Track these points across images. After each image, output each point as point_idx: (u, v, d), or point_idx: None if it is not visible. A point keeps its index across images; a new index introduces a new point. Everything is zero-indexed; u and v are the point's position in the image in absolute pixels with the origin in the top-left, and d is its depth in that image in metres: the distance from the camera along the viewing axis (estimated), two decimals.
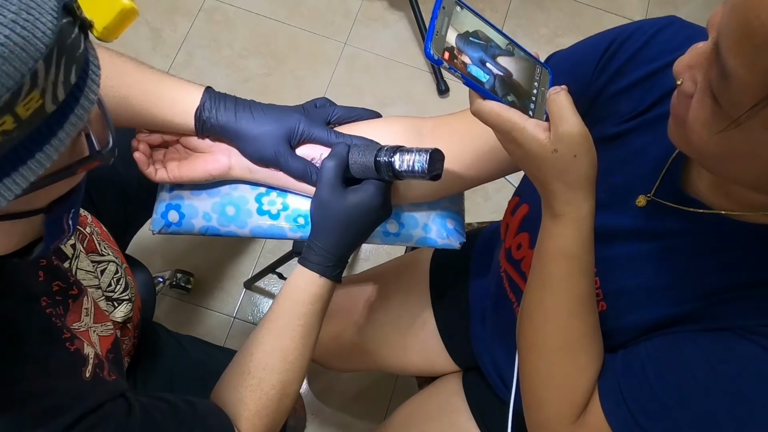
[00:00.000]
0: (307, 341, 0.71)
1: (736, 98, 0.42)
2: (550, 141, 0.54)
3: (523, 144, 0.55)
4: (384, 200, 0.70)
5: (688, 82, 0.47)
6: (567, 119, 0.54)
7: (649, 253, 0.61)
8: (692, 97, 0.47)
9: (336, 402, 1.54)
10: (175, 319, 1.53)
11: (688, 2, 2.04)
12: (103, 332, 0.63)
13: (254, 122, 0.71)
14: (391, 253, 1.64)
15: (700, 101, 0.46)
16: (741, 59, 0.40)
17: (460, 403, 0.93)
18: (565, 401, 0.63)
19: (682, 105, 0.49)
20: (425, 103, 1.80)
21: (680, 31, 0.62)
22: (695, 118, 0.46)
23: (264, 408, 0.67)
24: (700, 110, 0.46)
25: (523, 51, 0.57)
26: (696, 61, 0.46)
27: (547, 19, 1.96)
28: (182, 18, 1.80)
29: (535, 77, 0.57)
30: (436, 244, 0.82)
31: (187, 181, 0.76)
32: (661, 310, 0.59)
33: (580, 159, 0.55)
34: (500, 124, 0.55)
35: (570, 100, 0.55)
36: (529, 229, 0.74)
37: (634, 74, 0.62)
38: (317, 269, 0.70)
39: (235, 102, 0.72)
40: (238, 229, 0.79)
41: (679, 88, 0.49)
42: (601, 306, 0.64)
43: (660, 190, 0.60)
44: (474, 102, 0.56)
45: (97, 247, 0.76)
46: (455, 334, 0.97)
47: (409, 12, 1.84)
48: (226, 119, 0.71)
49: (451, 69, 0.52)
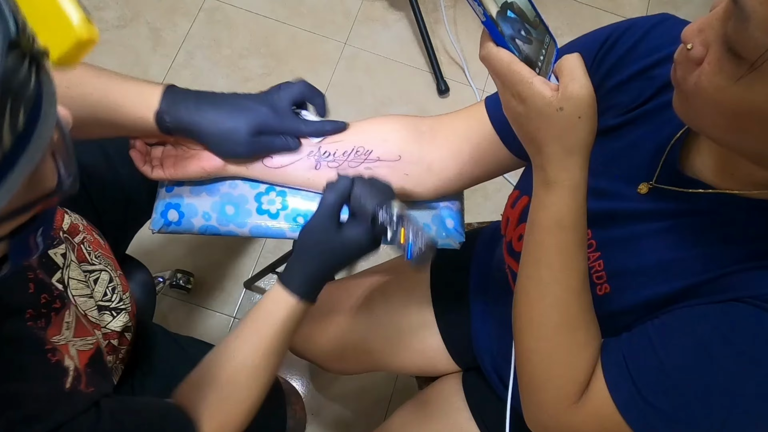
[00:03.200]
0: (276, 360, 0.72)
1: (756, 39, 0.42)
2: (557, 99, 0.53)
3: (527, 99, 0.53)
4: (373, 241, 0.70)
5: (698, 46, 0.47)
6: (579, 79, 0.53)
7: (654, 232, 0.60)
8: (700, 62, 0.47)
9: (336, 402, 1.54)
10: (175, 320, 1.53)
11: (689, 2, 2.04)
12: (83, 347, 0.62)
13: (217, 120, 0.69)
14: (391, 253, 1.63)
15: (715, 59, 0.46)
16: None
17: (460, 403, 0.93)
18: (567, 380, 0.60)
19: (687, 71, 0.49)
20: (425, 103, 1.80)
21: (674, 27, 0.63)
22: (710, 77, 0.46)
23: (228, 423, 0.69)
24: (715, 67, 0.46)
25: (539, 17, 0.56)
26: (707, 24, 0.47)
27: (547, 18, 1.96)
28: (182, 18, 1.80)
29: (544, 45, 0.56)
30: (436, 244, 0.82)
31: (183, 178, 0.76)
32: (666, 285, 0.58)
33: (583, 122, 0.53)
34: (508, 74, 0.53)
35: (582, 62, 0.54)
36: None
37: (631, 68, 0.63)
38: (298, 291, 0.70)
39: (196, 100, 0.70)
40: (237, 228, 0.79)
41: (686, 54, 0.48)
42: (605, 288, 0.63)
43: (661, 176, 0.60)
44: (485, 45, 0.54)
45: (87, 256, 0.75)
46: (456, 334, 0.97)
47: (409, 12, 1.84)
48: (188, 120, 0.69)
49: (476, 2, 0.50)
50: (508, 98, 0.56)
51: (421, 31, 1.81)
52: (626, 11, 2.00)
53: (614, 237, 0.63)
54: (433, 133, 0.77)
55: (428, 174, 0.77)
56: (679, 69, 0.50)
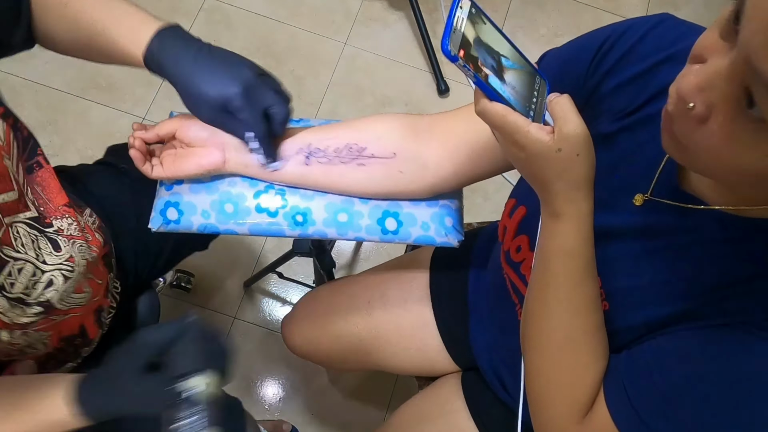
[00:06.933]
0: None
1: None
2: (554, 141, 0.55)
3: (527, 146, 0.56)
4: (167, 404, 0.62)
5: (701, 106, 0.45)
6: (571, 119, 0.55)
7: (650, 252, 0.60)
8: (705, 120, 0.45)
9: (336, 402, 1.54)
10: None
11: (689, 2, 2.04)
12: None
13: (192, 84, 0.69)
14: (391, 253, 1.64)
15: (727, 122, 0.43)
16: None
17: (459, 403, 0.93)
18: (570, 400, 0.62)
19: (689, 128, 0.47)
20: (425, 103, 1.80)
21: (673, 28, 0.62)
22: (721, 140, 0.44)
23: None
24: (727, 132, 0.43)
25: (525, 59, 0.59)
26: (709, 83, 0.44)
27: (547, 19, 1.96)
28: (182, 18, 1.80)
29: (534, 86, 0.59)
30: (435, 242, 0.82)
31: (183, 176, 0.76)
32: (663, 308, 0.59)
33: (582, 158, 0.56)
34: (504, 125, 0.55)
35: (572, 103, 0.56)
36: (527, 231, 0.74)
37: (627, 71, 0.62)
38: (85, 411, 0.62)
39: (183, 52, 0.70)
40: (236, 226, 0.79)
41: (686, 112, 0.46)
42: (604, 305, 0.64)
43: (657, 188, 0.60)
44: (479, 102, 0.56)
45: (12, 242, 0.69)
46: (455, 334, 0.97)
47: (409, 12, 1.84)
48: (167, 72, 0.70)
49: (465, 67, 0.52)
50: (508, 147, 0.58)
51: (421, 31, 1.81)
52: (626, 11, 2.00)
53: (610, 254, 0.63)
54: (431, 131, 0.77)
55: (424, 172, 0.77)
56: (677, 124, 0.48)
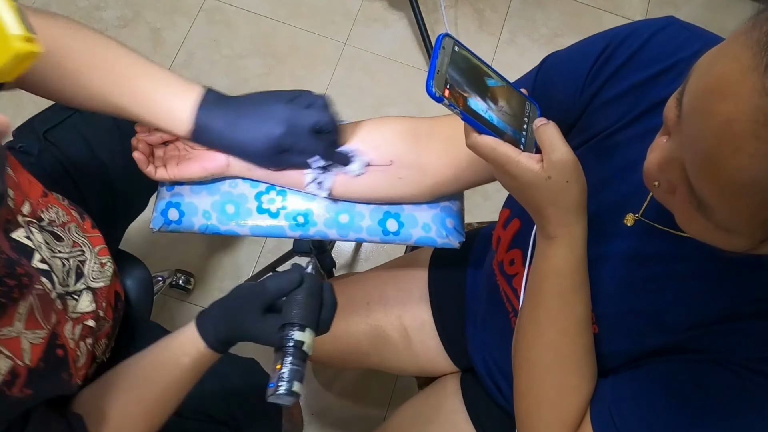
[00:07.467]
0: (173, 406, 0.69)
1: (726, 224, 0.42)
2: (543, 169, 0.57)
3: (518, 176, 0.57)
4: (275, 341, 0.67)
5: (665, 184, 0.48)
6: (558, 148, 0.56)
7: (639, 279, 0.61)
8: (674, 191, 0.47)
9: (336, 402, 1.54)
10: (175, 319, 1.53)
11: (689, 2, 2.04)
12: (34, 340, 0.59)
13: (249, 142, 0.71)
14: (391, 253, 1.64)
15: (686, 203, 0.45)
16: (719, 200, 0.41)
17: (458, 404, 0.93)
18: (557, 421, 0.63)
19: (664, 199, 0.50)
20: (425, 103, 1.79)
21: (677, 33, 0.61)
22: (687, 219, 0.47)
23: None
24: (689, 213, 0.45)
25: (515, 88, 0.61)
26: (666, 163, 0.46)
27: (547, 19, 1.96)
28: (182, 18, 1.80)
29: (525, 112, 0.60)
30: (436, 244, 0.82)
31: (186, 178, 0.76)
32: (650, 338, 0.60)
33: (571, 185, 0.57)
34: (495, 157, 0.57)
35: (558, 130, 0.57)
36: (521, 245, 0.75)
37: (627, 81, 0.61)
38: (213, 344, 0.68)
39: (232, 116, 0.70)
40: (237, 227, 0.79)
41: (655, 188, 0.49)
42: (594, 328, 0.64)
43: (648, 209, 0.60)
44: (469, 136, 0.58)
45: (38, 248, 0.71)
46: (454, 335, 0.97)
47: (409, 12, 1.84)
48: (220, 134, 0.71)
49: (451, 106, 0.55)
50: (501, 176, 0.60)
51: (421, 31, 1.81)
52: (626, 11, 2.00)
53: (599, 277, 0.63)
54: (431, 137, 0.77)
55: (423, 177, 0.77)
56: (655, 193, 0.51)
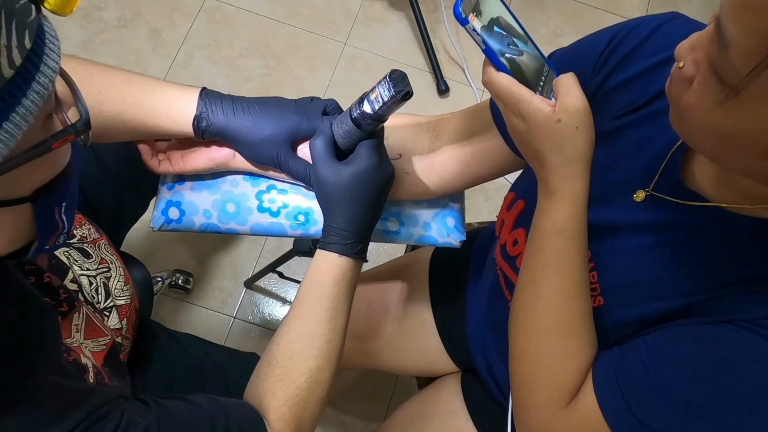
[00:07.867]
0: (335, 324, 0.68)
1: (735, 66, 0.42)
2: (554, 113, 0.57)
3: (528, 116, 0.57)
4: (380, 158, 0.68)
5: (689, 65, 0.48)
6: (573, 93, 0.57)
7: (648, 247, 0.60)
8: (692, 80, 0.47)
9: (336, 402, 1.54)
10: (174, 319, 1.53)
11: (689, 2, 2.04)
12: (95, 348, 0.61)
13: (254, 127, 0.69)
14: (391, 253, 1.64)
15: (703, 81, 0.46)
16: (740, 26, 0.41)
17: (458, 403, 0.93)
18: (555, 384, 0.62)
19: (681, 90, 0.49)
20: (425, 103, 1.80)
21: (683, 26, 0.62)
22: (697, 97, 0.46)
23: (292, 397, 0.65)
24: (702, 89, 0.46)
25: (538, 49, 0.61)
26: (698, 42, 0.47)
27: (547, 19, 1.96)
28: (182, 18, 1.80)
29: (543, 73, 0.60)
30: (437, 243, 0.82)
31: (192, 171, 0.75)
32: (659, 304, 0.59)
33: (580, 131, 0.57)
34: (509, 94, 0.57)
35: (577, 80, 0.58)
36: (524, 225, 0.74)
37: (634, 68, 0.62)
38: (336, 249, 0.68)
39: (232, 105, 0.70)
40: (238, 226, 0.79)
41: (679, 72, 0.49)
42: (598, 301, 0.63)
43: (659, 184, 0.60)
44: (487, 71, 0.58)
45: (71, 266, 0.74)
46: (454, 335, 0.97)
47: (409, 12, 1.84)
48: (225, 124, 0.69)
49: (475, 31, 0.54)
50: (510, 117, 0.60)
51: (421, 31, 1.81)
52: (626, 11, 2.00)
53: (607, 249, 0.63)
54: (437, 132, 0.77)
55: (429, 173, 0.77)
56: (673, 86, 0.50)
